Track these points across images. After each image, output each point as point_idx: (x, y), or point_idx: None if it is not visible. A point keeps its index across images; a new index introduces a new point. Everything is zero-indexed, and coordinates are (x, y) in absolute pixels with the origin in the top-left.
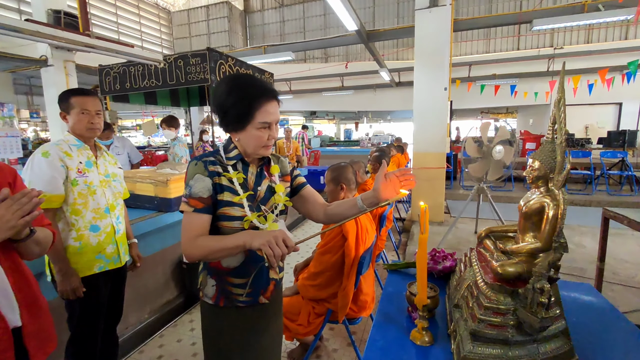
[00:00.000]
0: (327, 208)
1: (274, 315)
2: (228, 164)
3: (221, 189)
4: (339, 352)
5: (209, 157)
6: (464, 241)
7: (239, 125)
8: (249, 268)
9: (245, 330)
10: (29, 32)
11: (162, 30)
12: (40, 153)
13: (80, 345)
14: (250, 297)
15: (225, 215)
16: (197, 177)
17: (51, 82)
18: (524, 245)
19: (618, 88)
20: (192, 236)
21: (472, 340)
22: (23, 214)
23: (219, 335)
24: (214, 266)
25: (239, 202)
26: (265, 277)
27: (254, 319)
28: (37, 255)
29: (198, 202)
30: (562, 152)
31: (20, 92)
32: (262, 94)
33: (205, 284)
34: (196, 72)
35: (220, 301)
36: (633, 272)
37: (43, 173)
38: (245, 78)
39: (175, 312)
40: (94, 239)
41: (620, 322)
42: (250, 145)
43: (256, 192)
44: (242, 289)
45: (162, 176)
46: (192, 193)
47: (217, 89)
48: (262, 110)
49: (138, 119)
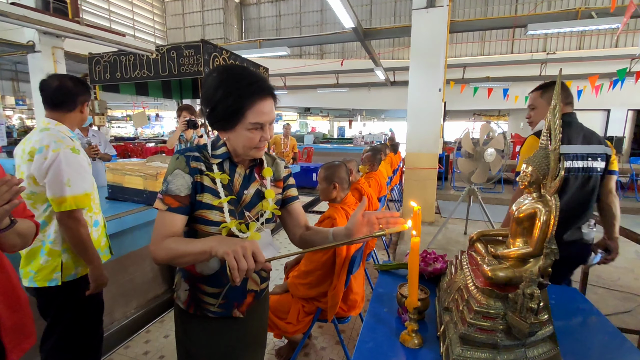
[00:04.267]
0: (304, 233)
1: (252, 328)
2: (213, 162)
3: (202, 188)
4: (327, 350)
5: (192, 152)
6: (454, 242)
7: (227, 123)
8: (223, 278)
9: (217, 341)
10: (15, 16)
11: (156, 20)
12: (70, 149)
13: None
14: (223, 308)
15: (203, 218)
16: (176, 173)
17: (38, 69)
18: (515, 250)
19: (606, 95)
20: (160, 236)
21: (461, 343)
22: (2, 202)
23: (189, 341)
24: (188, 270)
25: (219, 205)
26: (242, 289)
27: (226, 332)
28: (20, 247)
29: (174, 200)
30: (555, 159)
31: (5, 78)
32: (255, 91)
33: (179, 287)
34: (189, 64)
35: (191, 308)
36: (616, 275)
37: (83, 169)
38: (238, 70)
39: (163, 307)
40: (95, 233)
41: (604, 327)
42: (240, 146)
43: (241, 196)
44: (215, 299)
45: (152, 169)
46: (168, 190)
47: (206, 80)
48: (254, 110)
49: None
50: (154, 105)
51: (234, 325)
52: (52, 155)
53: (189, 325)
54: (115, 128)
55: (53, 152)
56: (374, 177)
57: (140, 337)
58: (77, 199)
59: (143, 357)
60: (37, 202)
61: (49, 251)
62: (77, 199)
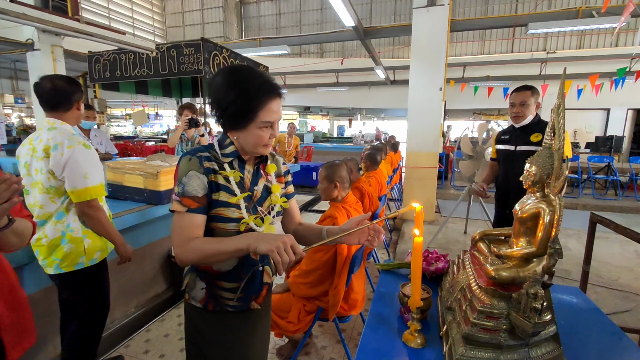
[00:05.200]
0: (298, 227)
1: (262, 319)
2: (224, 161)
3: (217, 187)
4: (327, 349)
5: (203, 153)
6: (454, 241)
7: (238, 123)
8: (240, 272)
9: (232, 337)
10: (14, 14)
11: (155, 18)
12: (82, 145)
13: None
14: (242, 302)
15: (220, 216)
16: (191, 174)
17: (37, 67)
18: (519, 249)
19: (606, 94)
20: (185, 238)
21: (464, 343)
22: (1, 200)
23: (203, 341)
24: (204, 269)
25: (236, 203)
26: (259, 281)
27: (243, 324)
28: (17, 247)
29: (192, 201)
30: (559, 158)
31: (4, 76)
32: (265, 91)
33: (192, 287)
34: (189, 63)
35: (210, 305)
36: (616, 275)
37: (97, 163)
38: (248, 71)
39: (163, 306)
40: None
41: (606, 326)
42: (250, 144)
43: (253, 192)
44: (233, 293)
45: (152, 168)
46: (185, 191)
47: (215, 82)
48: (266, 109)
49: (128, 108)
50: (154, 104)
51: (249, 319)
52: (68, 151)
53: (205, 323)
54: (114, 127)
55: (68, 149)
56: (375, 176)
57: (140, 336)
58: (95, 189)
59: (143, 355)
60: (55, 195)
61: (71, 239)
62: (95, 189)
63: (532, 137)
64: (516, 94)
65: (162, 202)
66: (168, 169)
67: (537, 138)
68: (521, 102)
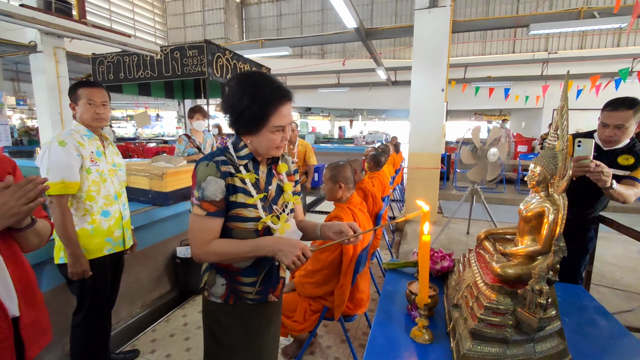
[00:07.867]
0: (298, 224)
1: (276, 312)
2: (240, 163)
3: (234, 190)
4: (332, 349)
5: (219, 157)
6: (456, 241)
7: (252, 128)
8: (259, 267)
9: (251, 326)
10: (21, 17)
11: (156, 20)
12: (57, 142)
13: (90, 325)
14: (260, 295)
15: (239, 216)
16: (209, 180)
17: (40, 69)
18: (524, 247)
19: (607, 94)
20: (204, 241)
21: (471, 338)
22: (27, 201)
23: (224, 334)
24: (224, 267)
25: (253, 203)
26: (276, 275)
27: (262, 315)
28: (36, 247)
29: (211, 205)
30: (563, 158)
31: (6, 78)
32: (277, 96)
33: (212, 283)
34: (193, 65)
35: (230, 299)
36: (619, 275)
37: (61, 161)
38: (260, 78)
39: (168, 306)
40: (105, 223)
41: (609, 323)
42: (263, 147)
43: (267, 191)
44: (252, 287)
45: (158, 169)
46: (204, 196)
47: (229, 89)
48: (277, 114)
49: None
50: (155, 105)
51: (266, 311)
52: (44, 147)
53: (226, 316)
54: (115, 128)
55: (47, 145)
56: (378, 177)
57: (146, 336)
58: (54, 185)
59: (150, 355)
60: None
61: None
62: (55, 186)
63: (619, 159)
64: (613, 112)
65: (168, 203)
66: (173, 170)
67: (626, 161)
68: (619, 125)
